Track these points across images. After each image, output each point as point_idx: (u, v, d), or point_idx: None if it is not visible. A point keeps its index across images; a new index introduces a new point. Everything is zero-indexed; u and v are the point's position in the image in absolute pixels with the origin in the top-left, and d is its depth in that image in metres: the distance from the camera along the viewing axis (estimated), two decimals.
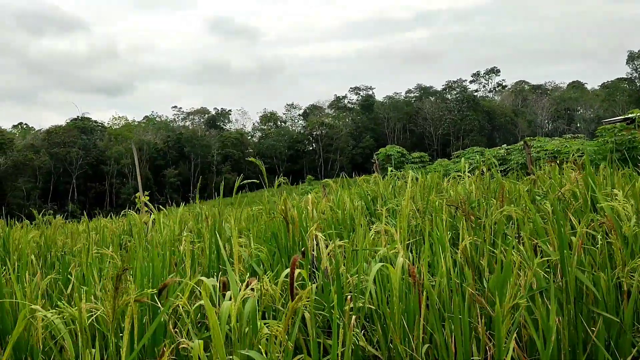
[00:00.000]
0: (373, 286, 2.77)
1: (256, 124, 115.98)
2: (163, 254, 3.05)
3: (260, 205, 5.99)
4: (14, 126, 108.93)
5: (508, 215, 3.77)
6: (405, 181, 6.28)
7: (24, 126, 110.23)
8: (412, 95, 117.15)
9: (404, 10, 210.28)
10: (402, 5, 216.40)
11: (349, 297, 2.43)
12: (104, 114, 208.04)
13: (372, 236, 3.44)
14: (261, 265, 3.26)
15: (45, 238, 5.75)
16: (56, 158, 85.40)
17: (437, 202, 4.62)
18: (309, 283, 2.58)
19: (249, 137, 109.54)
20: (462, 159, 7.56)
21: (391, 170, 6.56)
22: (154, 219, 8.73)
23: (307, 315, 2.46)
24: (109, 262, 3.96)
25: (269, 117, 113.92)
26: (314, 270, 3.13)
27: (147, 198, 10.78)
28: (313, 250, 3.10)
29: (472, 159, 18.12)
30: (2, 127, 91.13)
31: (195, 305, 2.37)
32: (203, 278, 2.31)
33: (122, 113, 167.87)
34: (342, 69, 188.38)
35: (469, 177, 5.48)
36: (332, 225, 4.86)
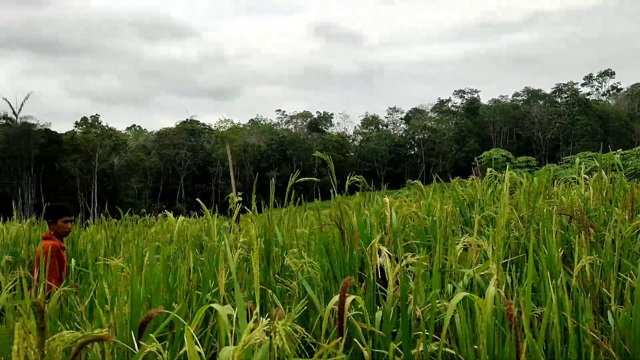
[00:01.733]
0: (454, 319, 2.09)
1: (358, 127, 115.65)
2: (173, 267, 2.52)
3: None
4: (128, 128, 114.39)
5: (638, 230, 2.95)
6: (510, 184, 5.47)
7: (137, 128, 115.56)
8: (519, 98, 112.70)
9: (513, 12, 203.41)
10: (511, 7, 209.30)
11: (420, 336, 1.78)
12: (211, 117, 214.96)
13: (459, 251, 2.74)
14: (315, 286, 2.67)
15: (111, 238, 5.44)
16: (166, 159, 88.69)
17: (545, 210, 3.81)
18: (368, 312, 1.95)
19: (350, 141, 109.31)
20: (577, 158, 6.59)
21: (490, 172, 5.73)
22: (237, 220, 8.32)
23: None
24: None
25: (370, 121, 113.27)
26: (378, 293, 2.49)
27: (240, 199, 10.45)
28: (377, 268, 2.46)
29: (585, 163, 16.70)
30: (117, 129, 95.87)
31: (180, 353, 1.78)
32: (215, 305, 1.72)
33: (228, 116, 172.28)
34: (446, 72, 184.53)
35: (585, 180, 4.60)
36: (419, 235, 4.18)
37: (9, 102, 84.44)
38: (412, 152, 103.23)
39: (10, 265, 5.20)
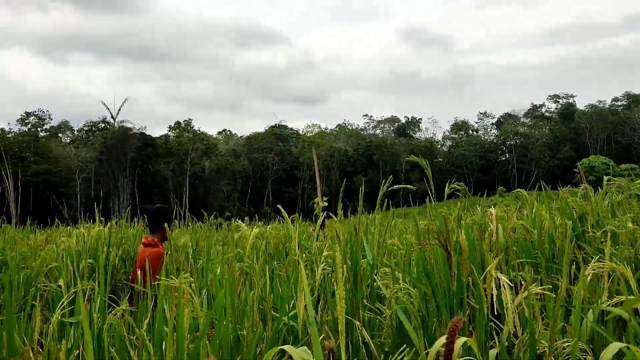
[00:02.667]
0: None
1: (447, 132, 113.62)
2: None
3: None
4: (219, 132, 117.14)
5: None
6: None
7: (227, 132, 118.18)
8: (618, 103, 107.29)
9: (611, 14, 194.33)
10: (609, 9, 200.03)
11: None
12: (299, 122, 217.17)
13: (589, 277, 2.24)
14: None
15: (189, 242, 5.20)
16: (254, 163, 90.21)
17: None
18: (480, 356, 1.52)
19: (439, 146, 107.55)
20: None
21: (608, 180, 5.08)
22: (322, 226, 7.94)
23: None
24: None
25: (460, 126, 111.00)
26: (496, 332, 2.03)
27: (325, 204, 10.13)
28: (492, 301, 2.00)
29: None
30: (209, 133, 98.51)
31: None
32: (288, 347, 1.35)
33: (316, 121, 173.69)
34: (540, 77, 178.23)
35: None
36: (525, 251, 3.66)
37: (107, 107, 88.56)
38: (503, 159, 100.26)
39: (88, 269, 5.03)
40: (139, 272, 4.30)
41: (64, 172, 74.62)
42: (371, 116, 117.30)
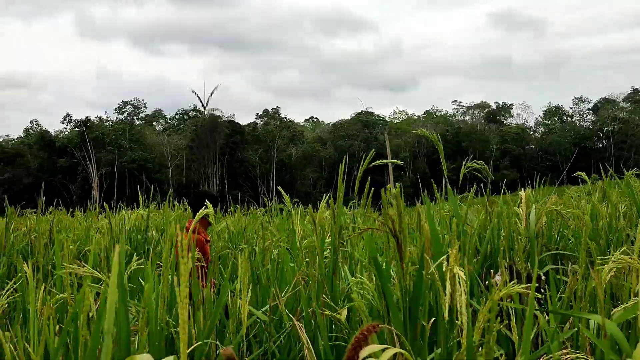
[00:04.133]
0: None
1: (539, 118, 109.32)
2: None
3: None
4: (306, 120, 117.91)
5: None
6: None
7: (314, 120, 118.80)
8: None
9: None
10: None
11: None
12: (386, 109, 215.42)
13: (610, 272, 1.98)
14: None
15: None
16: (340, 150, 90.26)
17: None
18: None
19: (531, 133, 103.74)
20: None
21: None
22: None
23: None
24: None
25: (553, 112, 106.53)
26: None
27: (397, 190, 9.96)
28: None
29: None
30: (295, 121, 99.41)
31: None
32: None
33: (403, 108, 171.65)
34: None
35: None
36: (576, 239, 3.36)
37: (197, 95, 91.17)
38: (600, 146, 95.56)
39: (128, 253, 5.10)
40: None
41: (157, 159, 77.45)
42: (460, 102, 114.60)
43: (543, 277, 2.41)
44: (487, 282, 2.49)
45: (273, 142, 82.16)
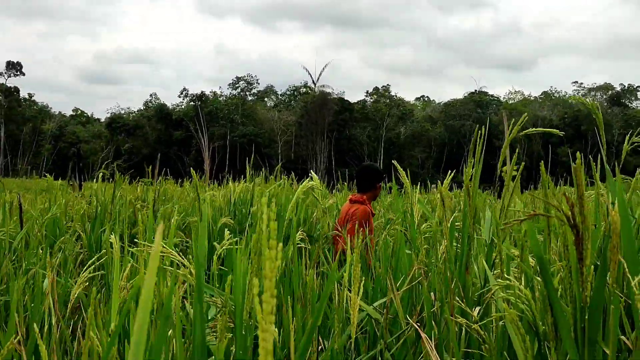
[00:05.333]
0: None
1: None
2: None
3: None
4: (417, 98, 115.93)
5: None
6: None
7: (425, 98, 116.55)
8: None
9: None
10: None
11: None
12: (501, 89, 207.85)
13: None
14: None
15: None
16: (451, 130, 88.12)
17: None
18: None
19: None
20: None
21: None
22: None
23: None
24: None
25: None
26: None
27: (515, 173, 9.29)
28: None
29: None
30: (406, 99, 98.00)
31: None
32: None
33: (519, 88, 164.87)
34: None
35: None
36: None
37: (308, 72, 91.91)
38: None
39: (230, 227, 4.85)
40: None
41: (267, 134, 78.89)
42: (581, 83, 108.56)
43: None
44: None
45: (382, 120, 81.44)
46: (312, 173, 2.63)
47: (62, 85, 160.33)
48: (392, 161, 2.70)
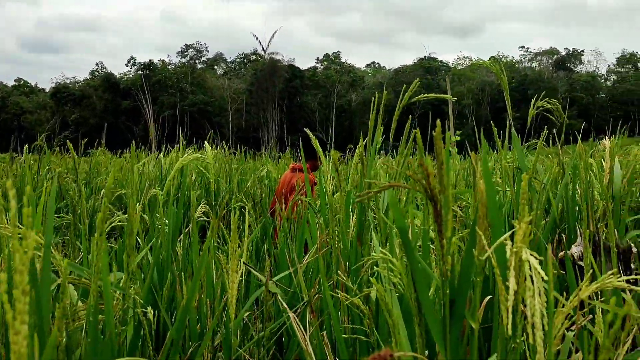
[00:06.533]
0: None
1: (612, 66, 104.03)
2: None
3: None
4: (367, 65, 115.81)
5: None
6: None
7: (376, 65, 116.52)
8: None
9: None
10: None
11: None
12: (450, 55, 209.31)
13: None
14: None
15: None
16: (401, 96, 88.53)
17: None
18: None
19: (602, 81, 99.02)
20: None
21: None
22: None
23: None
24: None
25: (627, 59, 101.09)
26: None
27: (458, 138, 9.36)
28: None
29: None
30: (356, 66, 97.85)
31: None
32: None
33: (467, 54, 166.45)
34: None
35: None
36: None
37: (258, 39, 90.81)
38: None
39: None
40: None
41: (218, 103, 77.82)
42: (528, 48, 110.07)
43: (635, 250, 1.87)
44: (560, 253, 1.96)
45: (333, 87, 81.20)
46: (206, 143, 2.55)
47: (3, 55, 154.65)
48: (305, 128, 2.64)
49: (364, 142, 1.98)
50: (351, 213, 1.82)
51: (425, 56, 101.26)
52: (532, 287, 0.82)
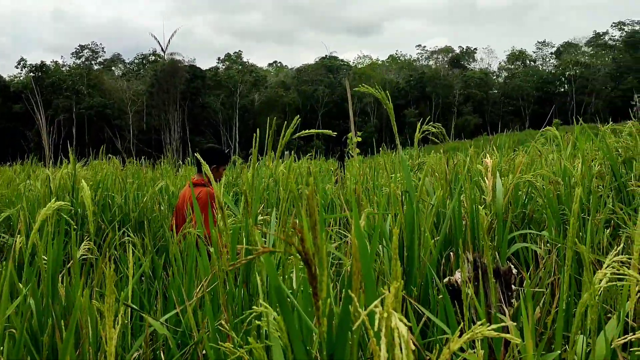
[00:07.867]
0: None
1: (503, 63, 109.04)
2: None
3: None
4: (270, 64, 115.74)
5: None
6: None
7: (278, 64, 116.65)
8: None
9: None
10: None
11: None
12: (351, 53, 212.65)
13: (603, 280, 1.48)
14: None
15: None
16: (304, 95, 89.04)
17: None
18: None
19: (494, 77, 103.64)
20: None
21: None
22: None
23: None
24: None
25: (517, 56, 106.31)
26: None
27: (360, 139, 9.47)
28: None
29: None
30: (259, 66, 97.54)
31: None
32: None
33: (367, 52, 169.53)
34: (605, 3, 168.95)
35: None
36: (550, 205, 2.91)
37: (157, 39, 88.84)
38: (562, 90, 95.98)
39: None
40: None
41: (117, 105, 75.42)
42: (424, 47, 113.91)
43: (515, 271, 1.95)
44: (446, 278, 2.02)
45: (235, 87, 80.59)
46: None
47: None
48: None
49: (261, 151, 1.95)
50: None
51: (326, 55, 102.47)
52: (400, 356, 0.82)
